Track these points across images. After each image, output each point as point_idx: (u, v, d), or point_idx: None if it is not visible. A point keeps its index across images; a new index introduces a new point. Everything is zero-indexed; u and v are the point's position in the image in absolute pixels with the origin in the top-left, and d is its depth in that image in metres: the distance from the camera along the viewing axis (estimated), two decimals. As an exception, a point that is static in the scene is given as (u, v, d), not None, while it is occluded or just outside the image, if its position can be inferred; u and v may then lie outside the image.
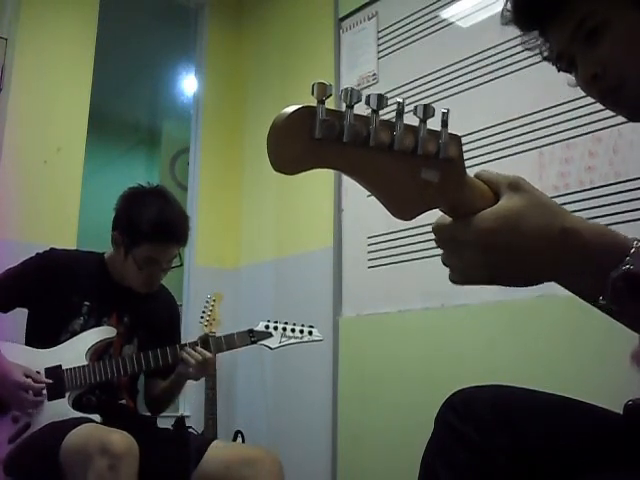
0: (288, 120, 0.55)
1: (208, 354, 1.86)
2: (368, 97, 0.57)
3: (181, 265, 2.00)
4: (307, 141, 0.55)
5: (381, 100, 0.57)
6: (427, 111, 0.60)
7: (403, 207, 0.61)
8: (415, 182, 0.61)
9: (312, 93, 0.55)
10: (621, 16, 0.78)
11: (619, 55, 0.78)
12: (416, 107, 0.60)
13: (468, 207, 0.65)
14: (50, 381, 1.78)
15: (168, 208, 1.91)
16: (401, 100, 0.59)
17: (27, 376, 1.75)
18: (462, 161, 0.64)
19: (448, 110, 0.61)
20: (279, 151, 0.55)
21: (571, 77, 0.89)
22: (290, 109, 0.55)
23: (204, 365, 1.85)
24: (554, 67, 0.89)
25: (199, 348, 1.86)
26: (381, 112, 0.58)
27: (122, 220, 1.91)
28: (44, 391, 1.77)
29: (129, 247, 1.87)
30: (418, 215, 0.62)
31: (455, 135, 0.62)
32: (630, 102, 0.81)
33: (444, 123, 0.61)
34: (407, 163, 0.60)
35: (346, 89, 0.56)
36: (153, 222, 1.84)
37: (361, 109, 0.56)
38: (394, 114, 0.59)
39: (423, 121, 0.60)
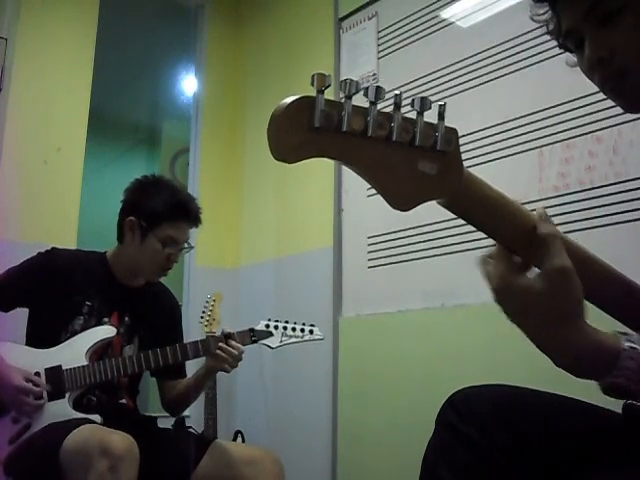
0: (288, 109, 0.56)
1: (242, 347, 1.89)
2: (366, 89, 0.58)
3: (192, 247, 2.06)
4: (306, 130, 0.56)
5: (379, 92, 0.58)
6: (424, 103, 0.60)
7: (401, 198, 0.62)
8: (412, 173, 0.61)
9: (312, 84, 0.56)
10: (637, 5, 0.77)
11: (629, 44, 0.77)
12: (413, 100, 0.60)
13: (466, 201, 0.65)
14: (49, 388, 1.78)
15: (181, 191, 2.04)
16: (399, 92, 0.59)
17: (27, 380, 1.75)
18: (459, 154, 0.64)
19: (445, 103, 0.62)
20: (279, 140, 0.56)
21: (570, 57, 0.88)
22: (289, 99, 0.56)
23: (239, 359, 1.88)
24: (557, 43, 0.88)
25: (233, 342, 1.87)
26: (379, 104, 0.58)
27: (138, 205, 1.93)
28: (44, 394, 1.77)
29: (148, 230, 1.89)
30: (415, 206, 0.63)
31: (452, 128, 0.63)
32: (629, 92, 0.80)
33: (441, 116, 0.62)
34: (404, 154, 0.61)
35: (345, 80, 0.57)
36: (172, 202, 1.91)
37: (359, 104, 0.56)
38: (392, 106, 0.59)
39: (420, 113, 0.60)
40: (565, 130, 2.01)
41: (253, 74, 3.50)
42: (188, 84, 3.86)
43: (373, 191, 2.32)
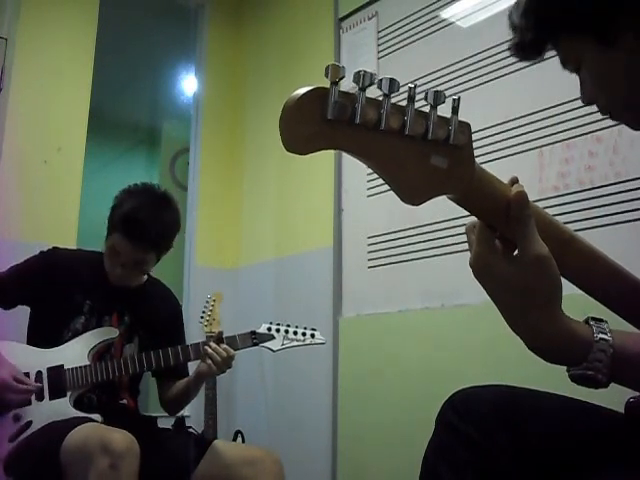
0: (301, 100, 0.55)
1: (232, 350, 1.86)
2: (380, 81, 0.57)
3: (146, 273, 2.00)
4: (319, 122, 0.56)
5: (393, 84, 0.57)
6: (438, 97, 0.60)
7: (412, 192, 0.61)
8: (424, 167, 0.61)
9: (326, 75, 0.55)
10: (590, 56, 0.83)
11: (597, 94, 0.85)
12: (427, 93, 0.60)
13: (477, 196, 0.65)
14: (40, 385, 1.78)
15: (150, 209, 1.85)
16: (412, 85, 0.59)
17: (16, 379, 1.73)
18: (471, 149, 0.64)
19: (459, 97, 0.61)
20: (291, 131, 0.55)
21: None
22: (302, 90, 0.55)
23: (228, 361, 1.86)
24: (556, 68, 0.92)
25: (223, 345, 1.86)
26: (392, 97, 0.58)
27: (111, 210, 1.92)
28: (45, 391, 1.77)
29: (107, 235, 1.90)
30: (426, 200, 0.62)
31: (465, 122, 0.62)
32: (625, 122, 0.86)
33: (454, 110, 0.61)
34: (417, 148, 0.60)
35: (359, 72, 0.56)
36: (125, 215, 1.83)
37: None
38: (405, 100, 0.59)
39: (433, 107, 0.60)
40: (565, 130, 2.01)
41: (253, 74, 3.50)
42: (188, 84, 3.86)
43: (373, 191, 2.33)
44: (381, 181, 0.61)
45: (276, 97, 3.22)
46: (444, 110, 0.62)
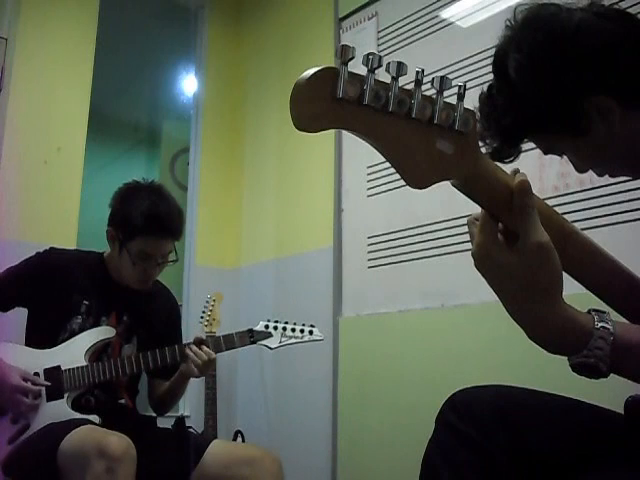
0: (311, 79, 0.56)
1: (213, 354, 1.86)
2: (388, 64, 0.59)
3: (176, 261, 1.98)
4: (329, 100, 0.56)
5: (400, 67, 0.58)
6: (444, 83, 0.61)
7: (417, 175, 0.62)
8: (430, 151, 0.62)
9: (336, 55, 0.57)
10: (570, 148, 0.88)
11: (589, 167, 0.91)
12: (433, 79, 0.61)
13: (481, 184, 0.66)
14: (48, 384, 1.78)
15: (161, 202, 1.90)
16: (420, 69, 0.59)
17: (25, 379, 1.75)
18: (476, 136, 0.65)
19: (464, 84, 0.62)
20: (301, 109, 0.56)
21: None
22: (313, 69, 0.56)
23: (209, 364, 1.86)
24: None
25: (205, 348, 1.86)
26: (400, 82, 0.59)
27: (116, 215, 1.91)
28: (42, 392, 1.77)
29: (123, 242, 1.88)
30: (431, 185, 0.63)
31: (470, 110, 0.63)
32: (623, 175, 0.92)
33: (460, 97, 0.62)
34: (423, 132, 0.61)
35: (368, 54, 0.58)
36: (146, 215, 1.84)
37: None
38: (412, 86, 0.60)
39: (440, 92, 0.61)
40: (565, 130, 2.01)
41: (253, 74, 3.50)
42: (188, 84, 3.86)
43: (373, 191, 2.33)
44: (381, 181, 0.61)
45: (276, 97, 3.22)
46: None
